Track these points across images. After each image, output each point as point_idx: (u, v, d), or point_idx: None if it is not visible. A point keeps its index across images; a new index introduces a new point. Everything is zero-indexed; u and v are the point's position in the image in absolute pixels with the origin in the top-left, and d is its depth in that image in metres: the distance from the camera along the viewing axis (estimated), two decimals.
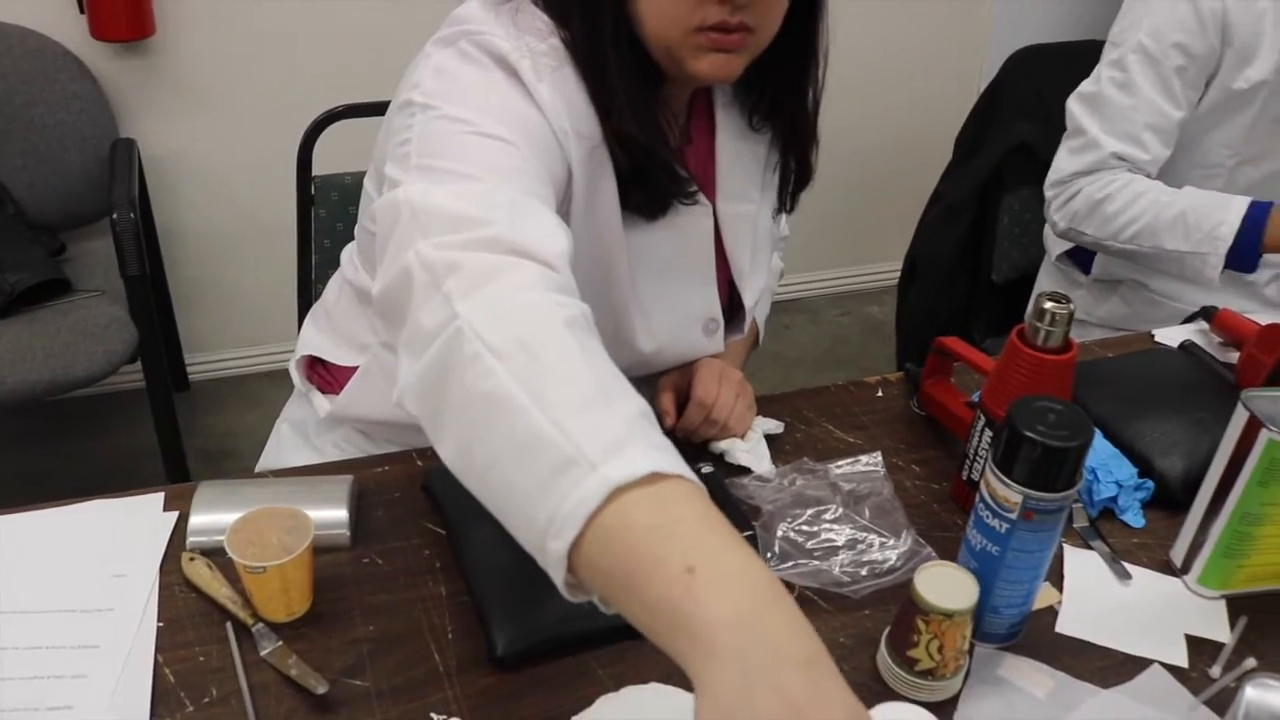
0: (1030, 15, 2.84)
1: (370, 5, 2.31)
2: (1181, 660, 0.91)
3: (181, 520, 0.97)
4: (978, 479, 0.96)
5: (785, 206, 1.16)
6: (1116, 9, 1.52)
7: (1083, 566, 1.00)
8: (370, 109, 1.46)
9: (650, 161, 0.97)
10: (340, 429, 1.20)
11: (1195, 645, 0.93)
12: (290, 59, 2.33)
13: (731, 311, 1.17)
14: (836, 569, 0.97)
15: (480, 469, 0.64)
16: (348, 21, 2.32)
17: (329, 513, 0.96)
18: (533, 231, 0.73)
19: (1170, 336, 1.35)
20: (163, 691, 0.83)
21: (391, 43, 2.12)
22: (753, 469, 1.08)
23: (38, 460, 2.37)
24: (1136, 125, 1.47)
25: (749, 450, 1.09)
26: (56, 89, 2.10)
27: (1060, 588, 0.97)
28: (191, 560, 0.92)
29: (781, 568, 0.96)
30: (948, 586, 0.82)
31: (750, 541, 0.96)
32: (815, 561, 0.97)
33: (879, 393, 1.23)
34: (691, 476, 0.60)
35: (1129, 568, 1.00)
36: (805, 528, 1.01)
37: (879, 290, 3.13)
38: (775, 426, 1.14)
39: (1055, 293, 0.95)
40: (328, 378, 1.21)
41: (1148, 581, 0.99)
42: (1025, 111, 1.85)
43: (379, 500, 1.02)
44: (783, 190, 1.14)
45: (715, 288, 1.13)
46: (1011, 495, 0.83)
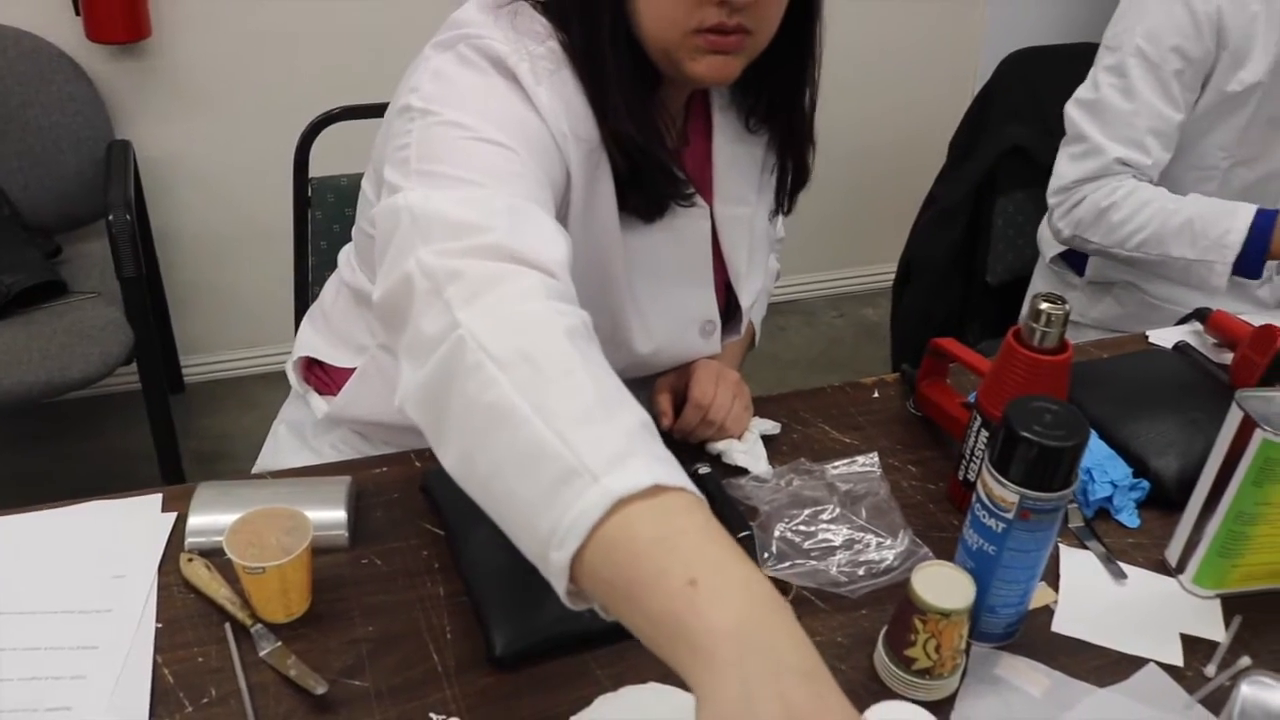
0: (1024, 18, 2.85)
1: (367, 7, 2.31)
2: (1177, 659, 0.91)
3: (180, 521, 0.97)
4: (974, 479, 0.96)
5: (782, 208, 1.16)
6: (1110, 12, 1.53)
7: (1078, 566, 1.00)
8: (367, 111, 1.46)
9: (647, 163, 0.97)
10: (337, 430, 1.20)
11: (1190, 644, 0.93)
12: (286, 61, 2.33)
13: (728, 313, 1.18)
14: (834, 569, 0.97)
15: (483, 478, 0.64)
16: (344, 23, 2.32)
17: (328, 513, 0.96)
18: (533, 238, 0.74)
19: (1164, 338, 1.35)
20: (162, 692, 0.83)
21: (388, 44, 2.14)
22: (750, 470, 1.08)
23: (34, 462, 2.37)
24: (1138, 130, 1.47)
25: (746, 451, 1.09)
26: (52, 91, 2.10)
27: (1056, 587, 0.98)
28: (190, 561, 0.92)
29: (779, 568, 0.97)
30: (945, 586, 0.83)
31: (748, 542, 0.98)
32: (812, 561, 0.98)
33: (875, 394, 1.23)
34: (692, 488, 0.60)
35: (1124, 567, 1.00)
36: (802, 528, 1.01)
37: (874, 292, 3.13)
38: (772, 427, 1.14)
39: (1051, 294, 0.96)
40: (325, 379, 1.21)
41: (1143, 581, 1.00)
42: (1019, 114, 1.85)
43: (377, 501, 1.02)
44: (780, 192, 1.14)
45: (712, 289, 1.13)
46: (1008, 495, 0.84)
